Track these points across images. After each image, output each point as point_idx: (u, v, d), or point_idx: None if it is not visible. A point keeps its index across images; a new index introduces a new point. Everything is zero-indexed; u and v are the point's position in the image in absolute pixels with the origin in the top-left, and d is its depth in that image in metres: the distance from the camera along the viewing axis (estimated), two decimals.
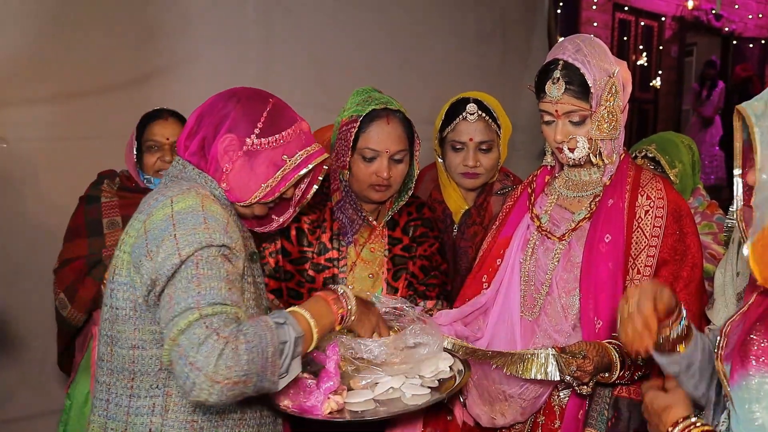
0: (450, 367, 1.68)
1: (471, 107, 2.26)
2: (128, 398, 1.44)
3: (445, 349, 1.70)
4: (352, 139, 1.94)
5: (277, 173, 1.54)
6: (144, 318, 1.42)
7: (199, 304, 1.28)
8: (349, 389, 1.57)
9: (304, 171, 1.57)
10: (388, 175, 1.95)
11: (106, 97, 2.86)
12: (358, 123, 1.93)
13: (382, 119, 1.95)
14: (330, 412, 1.49)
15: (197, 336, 1.24)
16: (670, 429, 1.21)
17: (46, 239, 2.44)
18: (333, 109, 2.18)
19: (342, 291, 1.55)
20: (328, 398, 1.49)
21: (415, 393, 1.58)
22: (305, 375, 1.54)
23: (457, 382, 1.62)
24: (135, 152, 2.40)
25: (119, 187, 2.46)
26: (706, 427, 1.20)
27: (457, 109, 2.30)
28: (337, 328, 1.53)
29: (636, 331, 1.26)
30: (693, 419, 1.21)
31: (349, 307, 1.54)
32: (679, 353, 1.35)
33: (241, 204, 1.56)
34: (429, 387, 1.61)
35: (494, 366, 1.60)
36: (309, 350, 1.44)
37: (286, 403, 1.51)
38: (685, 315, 1.34)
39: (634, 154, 2.48)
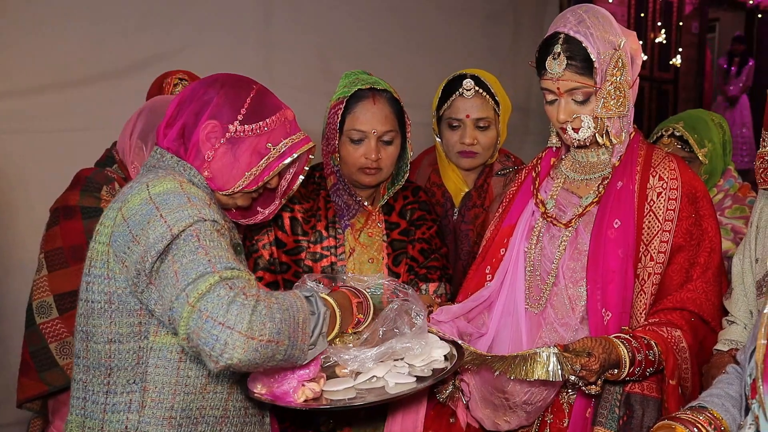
0: (445, 356, 1.61)
1: (467, 83, 2.23)
2: (104, 395, 1.41)
3: (443, 338, 1.63)
4: (338, 121, 1.92)
5: (261, 162, 1.52)
6: (120, 310, 1.38)
7: (216, 267, 1.25)
8: (334, 376, 1.52)
9: (288, 160, 1.55)
10: (377, 157, 1.92)
11: (98, 87, 2.79)
12: (344, 104, 1.91)
13: (368, 99, 1.93)
14: (305, 400, 1.43)
15: (223, 297, 1.21)
16: None
17: (36, 236, 2.29)
18: None
19: (364, 298, 1.56)
20: (303, 386, 1.44)
21: (399, 382, 1.51)
22: None
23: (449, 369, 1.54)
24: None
25: None
26: None
27: (453, 86, 2.27)
28: (350, 330, 1.52)
29: None
30: None
31: (368, 316, 1.55)
32: None
33: (224, 193, 1.53)
34: (419, 377, 1.53)
35: (497, 372, 1.51)
36: (331, 338, 1.43)
37: (259, 388, 1.46)
38: None
39: (660, 133, 2.40)
